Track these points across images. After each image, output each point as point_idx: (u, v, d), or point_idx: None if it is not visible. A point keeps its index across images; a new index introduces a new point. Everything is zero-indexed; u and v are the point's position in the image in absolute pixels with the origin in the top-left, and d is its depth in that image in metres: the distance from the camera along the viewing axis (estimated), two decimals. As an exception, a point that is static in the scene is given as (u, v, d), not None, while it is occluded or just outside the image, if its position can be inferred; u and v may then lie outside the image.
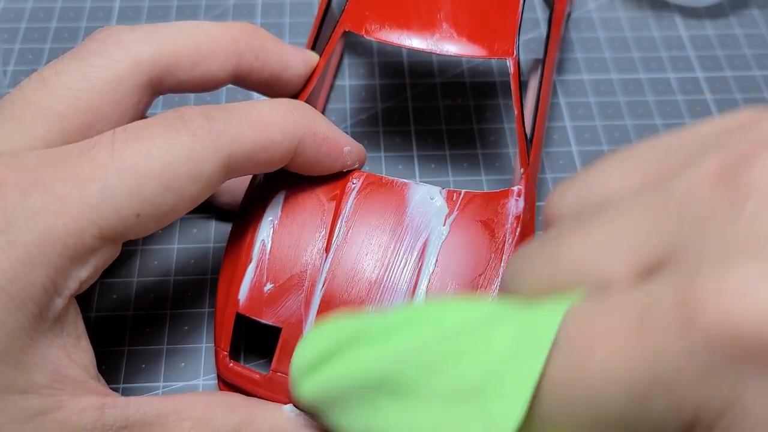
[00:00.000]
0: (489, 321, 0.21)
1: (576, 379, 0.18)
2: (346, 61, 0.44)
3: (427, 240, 0.29)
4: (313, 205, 0.30)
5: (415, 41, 0.31)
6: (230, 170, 0.26)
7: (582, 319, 0.18)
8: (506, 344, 0.20)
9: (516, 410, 0.18)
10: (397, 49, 0.45)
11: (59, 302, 0.23)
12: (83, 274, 0.24)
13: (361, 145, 0.31)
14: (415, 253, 0.29)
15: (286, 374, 0.28)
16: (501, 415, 0.19)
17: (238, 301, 0.29)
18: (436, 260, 0.29)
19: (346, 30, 0.31)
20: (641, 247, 0.19)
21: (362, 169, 0.31)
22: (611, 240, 0.19)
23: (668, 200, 0.19)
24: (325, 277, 0.28)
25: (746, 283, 0.16)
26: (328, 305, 0.28)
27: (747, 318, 0.15)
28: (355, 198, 0.30)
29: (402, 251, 0.29)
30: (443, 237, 0.29)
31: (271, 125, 0.27)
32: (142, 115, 0.28)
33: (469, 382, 0.20)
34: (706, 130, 0.21)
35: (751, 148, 0.18)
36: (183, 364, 0.32)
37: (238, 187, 0.33)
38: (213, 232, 0.36)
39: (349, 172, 0.31)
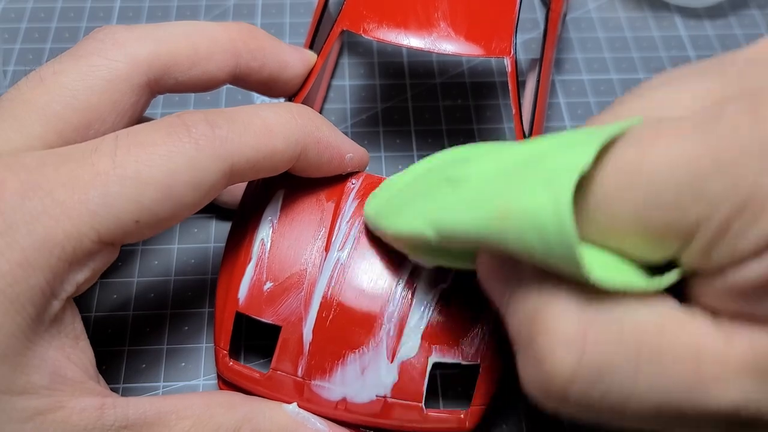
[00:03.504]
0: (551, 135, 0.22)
1: (640, 164, 0.19)
2: (346, 61, 0.44)
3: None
4: (313, 204, 0.30)
5: (412, 40, 0.31)
6: (232, 178, 0.26)
7: (648, 125, 0.19)
8: (569, 137, 0.21)
9: (585, 154, 0.19)
10: (397, 49, 0.45)
11: (56, 305, 0.23)
12: (81, 278, 0.24)
13: (364, 150, 0.31)
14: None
15: (286, 373, 0.28)
16: (568, 164, 0.19)
17: (237, 299, 0.29)
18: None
19: (344, 29, 0.31)
20: (707, 92, 0.20)
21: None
22: (675, 92, 0.21)
23: (730, 66, 0.20)
24: (326, 276, 0.28)
25: None
26: (328, 304, 0.28)
27: None
28: (354, 198, 0.30)
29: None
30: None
31: (274, 133, 0.27)
32: (141, 115, 0.28)
33: (527, 160, 0.21)
34: None
35: None
36: (183, 364, 0.32)
37: (238, 186, 0.33)
38: (213, 232, 0.36)
39: (350, 172, 0.31)
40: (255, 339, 0.33)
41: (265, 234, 0.29)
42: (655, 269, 0.21)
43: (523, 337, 0.21)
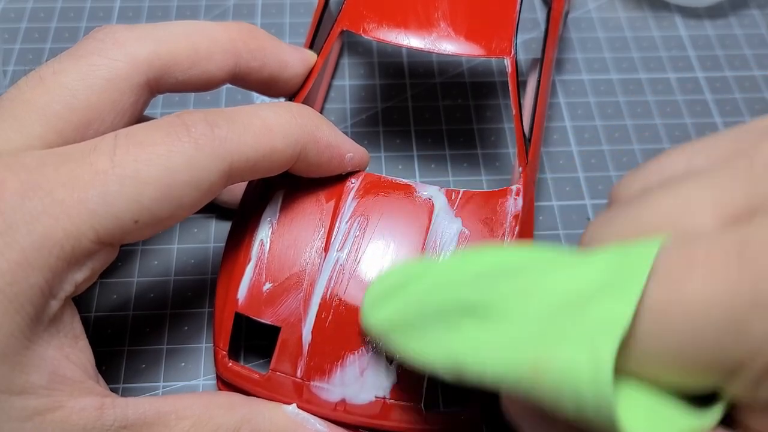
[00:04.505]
0: (578, 255, 0.21)
1: (674, 302, 0.18)
2: (346, 61, 0.44)
3: (425, 239, 0.29)
4: (312, 204, 0.30)
5: (412, 40, 0.31)
6: (231, 178, 0.26)
7: (677, 251, 0.18)
8: (601, 271, 0.20)
9: (625, 312, 0.18)
10: (397, 49, 0.45)
11: (55, 304, 0.23)
12: (80, 277, 0.24)
13: (364, 149, 0.31)
14: (414, 252, 0.29)
15: (286, 374, 0.28)
16: (606, 321, 0.18)
17: (237, 300, 0.29)
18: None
19: (344, 29, 0.31)
20: (729, 199, 0.19)
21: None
22: (698, 195, 0.20)
23: (754, 162, 0.19)
24: (325, 277, 0.28)
25: None
26: (327, 305, 0.28)
27: None
28: (353, 198, 0.30)
29: (401, 250, 0.29)
30: (442, 236, 0.29)
31: (274, 133, 0.27)
32: (140, 115, 0.28)
33: (562, 301, 0.20)
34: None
35: None
36: (183, 364, 0.32)
37: (238, 185, 0.33)
38: (213, 232, 0.36)
39: (349, 172, 0.31)
40: (254, 339, 0.32)
41: (264, 234, 0.29)
42: (702, 397, 0.20)
43: None
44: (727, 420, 0.19)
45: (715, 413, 0.19)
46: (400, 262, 0.27)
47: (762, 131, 0.20)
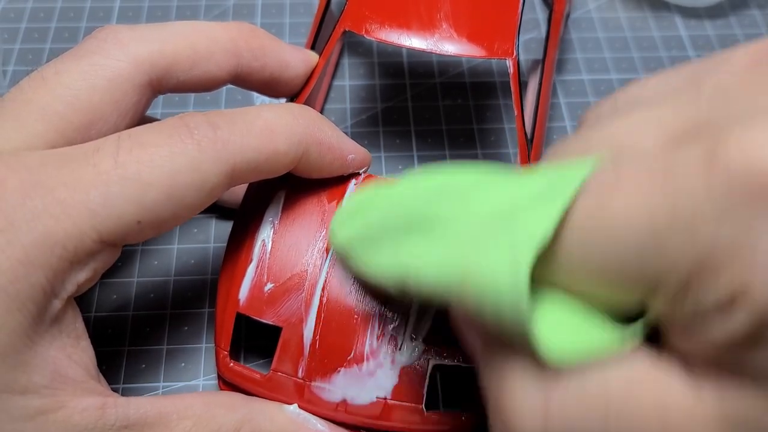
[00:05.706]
0: (521, 174, 0.22)
1: (598, 217, 0.18)
2: (346, 61, 0.44)
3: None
4: (314, 205, 0.30)
5: (414, 41, 0.31)
6: (234, 180, 0.26)
7: (609, 168, 0.19)
8: (535, 186, 0.20)
9: (548, 222, 0.18)
10: (397, 49, 0.45)
11: (57, 304, 0.23)
12: (82, 277, 0.24)
13: (366, 150, 0.31)
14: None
15: (287, 374, 0.28)
16: (528, 233, 0.19)
17: (238, 300, 0.29)
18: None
19: (346, 30, 0.31)
20: (673, 124, 0.19)
21: (362, 170, 0.31)
22: (643, 119, 0.20)
23: (701, 88, 0.20)
24: (326, 278, 0.28)
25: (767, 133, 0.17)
26: (328, 305, 0.28)
27: (766, 162, 0.16)
28: (355, 198, 0.30)
29: (402, 251, 0.29)
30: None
31: (276, 134, 0.26)
32: (142, 115, 0.28)
33: (497, 214, 0.21)
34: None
35: None
36: (183, 364, 0.32)
37: (239, 185, 0.33)
38: (213, 232, 0.36)
39: (351, 173, 0.31)
40: (255, 339, 0.33)
41: (266, 235, 0.29)
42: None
43: (491, 401, 0.21)
44: (659, 343, 0.20)
45: (637, 329, 0.19)
46: (366, 187, 0.28)
47: (714, 63, 0.21)
